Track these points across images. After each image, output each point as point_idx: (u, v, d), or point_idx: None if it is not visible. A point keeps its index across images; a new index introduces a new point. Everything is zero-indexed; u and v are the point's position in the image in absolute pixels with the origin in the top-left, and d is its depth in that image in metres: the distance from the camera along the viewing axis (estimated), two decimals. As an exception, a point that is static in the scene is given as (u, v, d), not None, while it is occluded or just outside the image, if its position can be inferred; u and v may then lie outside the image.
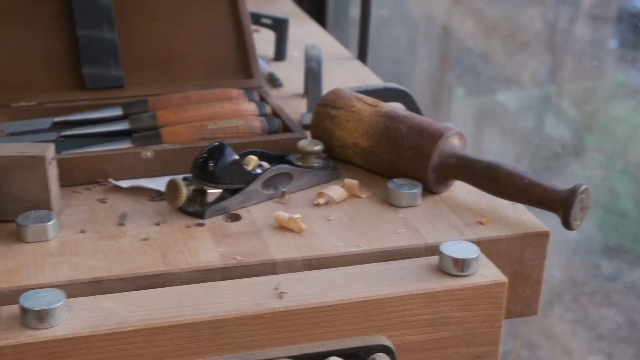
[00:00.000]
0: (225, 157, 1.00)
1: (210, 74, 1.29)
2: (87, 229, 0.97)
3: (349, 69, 1.58)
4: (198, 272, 0.90)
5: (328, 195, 1.04)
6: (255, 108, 1.18)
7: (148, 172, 1.08)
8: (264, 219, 1.00)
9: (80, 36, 1.23)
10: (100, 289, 0.87)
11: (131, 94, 1.23)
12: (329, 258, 0.93)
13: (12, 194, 0.94)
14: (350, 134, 1.12)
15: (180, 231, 0.97)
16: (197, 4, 1.31)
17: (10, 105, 1.18)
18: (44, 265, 0.89)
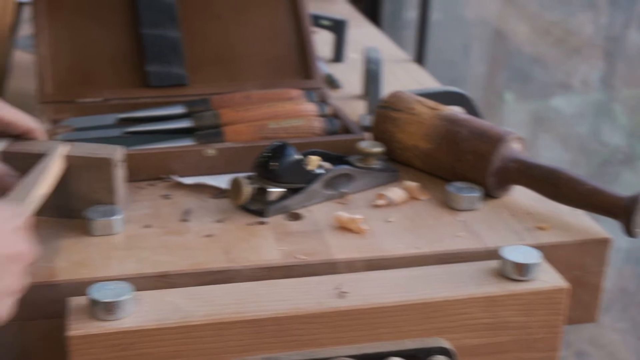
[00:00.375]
0: (288, 157, 1.01)
1: (271, 74, 1.30)
2: (152, 224, 0.98)
3: (407, 72, 1.58)
4: (260, 269, 0.91)
5: (388, 197, 1.05)
6: (315, 108, 1.20)
7: (210, 170, 1.10)
8: (324, 219, 1.01)
9: (145, 34, 1.25)
10: (165, 283, 0.89)
11: (193, 92, 1.25)
12: (389, 259, 0.94)
13: (79, 193, 0.96)
14: (410, 136, 1.12)
15: (243, 229, 0.98)
16: (260, 4, 1.33)
17: (76, 100, 1.21)
18: (111, 258, 0.91)
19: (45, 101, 1.19)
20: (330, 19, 1.60)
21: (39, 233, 0.93)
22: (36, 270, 0.87)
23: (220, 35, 1.30)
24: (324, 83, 1.32)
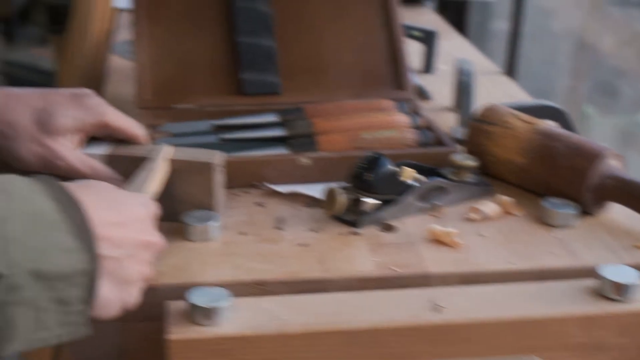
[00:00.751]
0: (383, 168, 1.01)
1: (363, 84, 1.30)
2: (247, 231, 0.99)
3: (497, 84, 1.57)
4: (355, 280, 0.91)
5: (482, 211, 1.04)
6: (408, 120, 1.19)
7: (304, 179, 1.11)
8: (417, 231, 1.01)
9: (241, 43, 1.27)
10: (261, 290, 0.89)
11: (286, 100, 1.26)
12: (483, 274, 0.93)
13: (179, 196, 0.98)
14: (504, 150, 1.11)
15: (336, 238, 0.99)
16: (353, 15, 1.33)
17: (173, 106, 1.23)
18: (208, 263, 0.92)
19: (143, 107, 1.22)
20: (421, 30, 1.60)
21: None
22: (136, 273, 0.88)
23: (313, 45, 1.31)
24: (415, 94, 1.32)
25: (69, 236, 0.66)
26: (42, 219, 0.65)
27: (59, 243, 0.65)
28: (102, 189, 0.76)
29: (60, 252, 0.65)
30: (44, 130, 0.91)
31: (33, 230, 0.63)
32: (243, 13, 1.28)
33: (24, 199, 0.65)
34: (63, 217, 0.66)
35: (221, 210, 1.01)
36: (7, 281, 0.61)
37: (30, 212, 0.64)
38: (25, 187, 0.66)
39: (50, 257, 0.64)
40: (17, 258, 0.61)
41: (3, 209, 0.62)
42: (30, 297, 0.63)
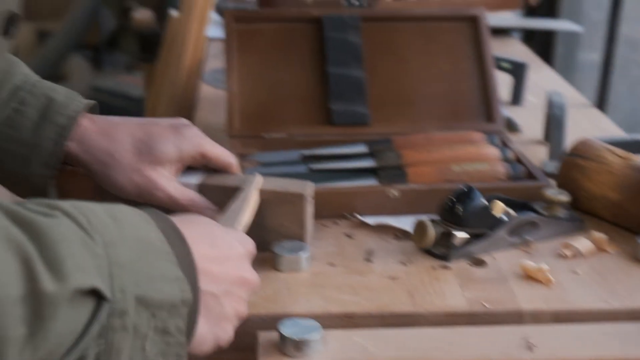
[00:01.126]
0: (474, 202, 1.00)
1: (452, 116, 1.30)
2: (336, 263, 0.99)
3: (587, 117, 1.55)
4: (445, 315, 0.90)
5: (575, 247, 1.02)
6: (498, 153, 1.18)
7: (393, 210, 1.10)
8: (509, 267, 0.99)
9: (331, 73, 1.27)
10: (350, 323, 0.89)
11: (375, 131, 1.26)
12: (577, 312, 0.91)
13: (269, 226, 0.98)
14: (599, 186, 1.09)
15: (426, 272, 0.98)
16: (444, 47, 1.33)
17: (263, 135, 1.24)
18: (298, 294, 0.92)
19: (233, 135, 1.23)
20: (511, 62, 1.58)
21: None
22: (227, 302, 0.89)
23: (402, 76, 1.31)
24: (504, 126, 1.30)
25: (174, 266, 0.67)
26: (150, 247, 0.66)
27: (164, 272, 0.66)
28: (203, 224, 0.77)
29: (165, 280, 0.66)
30: (144, 160, 0.92)
31: (140, 257, 0.64)
32: (333, 44, 1.29)
33: (133, 227, 0.66)
34: (169, 248, 0.67)
35: (310, 240, 1.01)
36: (113, 306, 0.61)
37: (138, 240, 0.65)
38: (134, 215, 0.67)
39: (155, 284, 0.64)
40: (124, 284, 0.62)
41: (114, 235, 0.63)
42: (134, 323, 0.63)
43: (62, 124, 0.92)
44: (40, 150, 0.91)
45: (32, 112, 0.92)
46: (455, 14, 1.35)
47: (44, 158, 0.91)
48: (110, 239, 0.63)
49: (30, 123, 0.91)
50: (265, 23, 1.31)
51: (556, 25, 2.33)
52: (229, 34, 1.29)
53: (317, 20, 1.31)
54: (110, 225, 0.63)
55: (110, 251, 0.62)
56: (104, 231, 0.63)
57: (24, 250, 0.57)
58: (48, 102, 0.92)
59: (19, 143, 0.91)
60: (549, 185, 1.12)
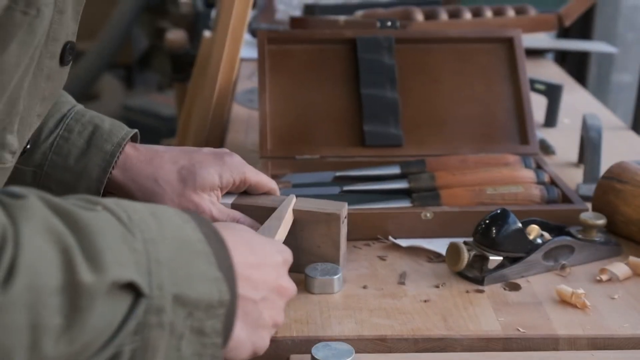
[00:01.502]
0: (509, 225, 0.99)
1: (487, 138, 1.29)
2: (369, 285, 0.98)
3: (623, 139, 1.53)
4: (479, 340, 0.89)
5: (611, 272, 1.01)
6: (533, 175, 1.17)
7: (426, 233, 1.09)
8: (544, 291, 0.98)
9: (364, 94, 1.27)
10: (383, 347, 0.88)
11: (408, 152, 1.25)
12: (615, 339, 0.89)
13: (304, 247, 0.98)
14: (636, 209, 1.08)
15: (460, 295, 0.97)
16: (478, 68, 1.32)
17: (295, 157, 1.24)
18: (330, 317, 0.91)
19: (265, 156, 1.23)
20: (545, 83, 1.57)
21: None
22: (260, 324, 0.88)
23: (436, 98, 1.30)
24: (539, 149, 1.29)
25: (213, 267, 0.67)
26: (189, 246, 0.66)
27: (203, 272, 0.66)
28: (243, 231, 0.78)
29: (204, 280, 0.66)
30: (189, 186, 0.94)
31: (179, 255, 0.64)
32: (367, 65, 1.28)
33: (174, 226, 0.66)
34: (208, 249, 0.67)
35: (344, 263, 1.00)
36: (150, 302, 0.61)
37: (178, 238, 0.65)
38: (176, 215, 0.68)
39: (193, 283, 0.65)
40: (162, 281, 0.62)
41: (154, 232, 0.64)
42: (170, 321, 0.63)
43: (108, 151, 0.94)
44: (86, 177, 0.93)
45: (79, 140, 0.94)
46: (490, 36, 1.34)
47: (90, 185, 0.93)
48: (150, 236, 0.63)
49: (76, 150, 0.93)
50: (299, 44, 1.31)
51: (590, 46, 2.32)
52: (262, 55, 1.29)
53: (351, 41, 1.31)
54: (151, 222, 0.64)
55: (150, 248, 0.62)
56: (145, 228, 0.63)
57: (64, 241, 0.57)
58: (94, 129, 0.94)
59: (64, 170, 0.93)
60: (585, 208, 1.11)
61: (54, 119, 0.94)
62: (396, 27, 1.43)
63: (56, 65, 0.76)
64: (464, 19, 1.71)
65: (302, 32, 1.41)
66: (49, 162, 0.93)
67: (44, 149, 0.94)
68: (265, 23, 2.12)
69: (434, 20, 1.68)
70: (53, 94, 0.79)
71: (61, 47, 0.75)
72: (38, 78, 0.74)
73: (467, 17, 1.72)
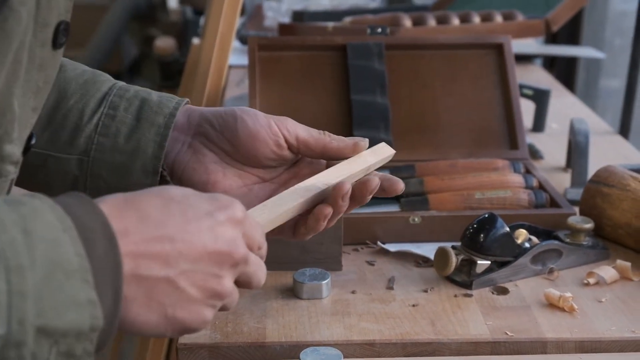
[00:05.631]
0: (497, 229, 0.99)
1: (476, 143, 1.29)
2: (357, 290, 0.99)
3: (610, 144, 1.53)
4: (468, 344, 0.89)
5: (599, 275, 1.01)
6: (521, 180, 1.17)
7: (414, 237, 1.10)
8: (532, 295, 0.98)
9: (354, 100, 1.27)
10: (372, 351, 0.88)
11: (398, 158, 1.24)
12: (602, 342, 0.90)
13: (307, 246, 0.99)
14: (623, 213, 1.08)
15: (448, 300, 0.97)
16: (468, 74, 1.33)
17: (284, 163, 1.24)
18: (319, 322, 0.92)
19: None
20: (533, 89, 1.58)
21: (250, 293, 0.96)
22: (248, 330, 0.89)
23: (427, 104, 1.31)
24: (528, 154, 1.30)
25: (87, 287, 0.58)
26: (64, 266, 0.57)
27: (75, 294, 0.58)
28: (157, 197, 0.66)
29: (74, 306, 0.58)
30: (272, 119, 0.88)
31: (49, 280, 0.57)
32: (357, 71, 1.29)
33: (48, 241, 0.57)
34: (85, 264, 0.58)
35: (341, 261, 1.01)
36: (9, 337, 0.55)
37: (50, 259, 0.57)
38: (54, 223, 0.59)
39: (61, 312, 0.57)
40: (24, 314, 0.55)
41: (21, 257, 0.56)
42: (32, 352, 0.56)
43: (161, 123, 0.86)
44: (141, 155, 0.85)
45: (126, 116, 0.86)
46: (480, 42, 1.35)
47: (145, 164, 0.85)
48: (17, 262, 0.56)
49: (125, 127, 0.86)
50: (289, 51, 1.32)
51: (578, 52, 2.33)
52: (252, 61, 1.30)
53: (341, 47, 1.31)
54: (19, 244, 0.56)
55: (13, 279, 0.55)
56: (11, 254, 0.56)
57: None
58: (141, 103, 0.87)
59: (114, 151, 0.85)
60: (573, 212, 1.11)
61: (94, 99, 0.86)
62: (386, 34, 1.43)
63: (49, 52, 0.68)
64: (452, 24, 1.72)
65: (293, 39, 1.41)
66: (95, 146, 0.85)
67: (88, 132, 0.85)
68: (254, 30, 2.12)
69: (422, 26, 1.68)
70: (47, 82, 0.71)
71: (53, 30, 0.68)
72: (30, 70, 0.67)
73: (455, 23, 1.72)
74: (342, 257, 1.02)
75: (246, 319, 0.91)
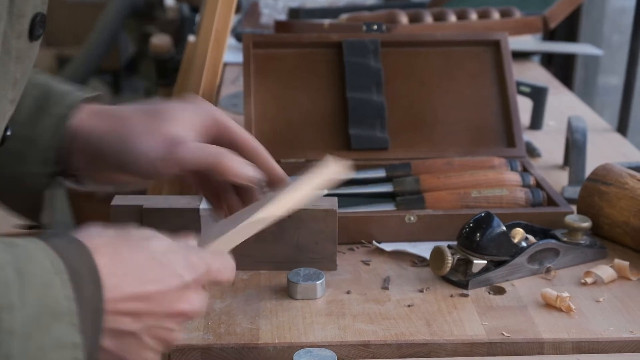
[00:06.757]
0: (493, 228, 0.98)
1: (473, 141, 1.28)
2: (352, 290, 0.98)
3: (608, 142, 1.52)
4: (463, 344, 0.88)
5: (596, 275, 1.00)
6: (518, 178, 1.16)
7: (410, 236, 1.09)
8: (529, 295, 0.97)
9: (350, 98, 1.26)
10: (366, 352, 0.87)
11: (394, 156, 1.25)
12: (600, 342, 0.89)
13: (301, 244, 0.98)
14: (620, 212, 1.07)
15: (444, 300, 0.96)
16: (465, 72, 1.31)
17: (280, 160, 1.22)
18: (313, 323, 0.90)
19: (250, 161, 1.22)
20: (531, 86, 1.57)
21: (243, 294, 0.95)
22: (242, 331, 0.88)
23: (423, 101, 1.30)
24: (525, 152, 1.29)
25: (73, 330, 0.60)
26: (53, 308, 0.60)
27: (61, 337, 0.60)
28: (140, 251, 0.68)
29: (59, 348, 0.60)
30: (158, 119, 0.85)
31: (37, 322, 0.59)
32: (353, 68, 1.28)
33: (38, 284, 0.59)
34: (73, 308, 0.61)
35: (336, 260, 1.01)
36: None
37: (40, 301, 0.59)
38: (47, 266, 0.61)
39: (47, 353, 0.59)
40: (10, 352, 0.57)
41: (13, 297, 0.58)
42: None
43: (60, 114, 0.85)
44: (37, 144, 0.84)
45: (29, 102, 0.84)
46: (477, 39, 1.34)
47: (41, 153, 0.85)
48: (8, 301, 0.57)
49: (25, 116, 0.84)
50: (285, 48, 1.31)
51: (576, 48, 2.31)
52: (247, 59, 1.28)
53: (337, 45, 1.30)
54: (12, 284, 0.58)
55: (5, 316, 0.57)
56: (3, 292, 0.57)
57: None
58: (46, 93, 0.86)
59: (12, 137, 0.81)
60: (570, 211, 1.10)
61: None
62: (382, 31, 1.42)
63: (25, 43, 0.69)
64: (449, 21, 1.70)
65: (288, 36, 1.40)
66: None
67: None
68: (250, 27, 2.11)
69: (419, 23, 1.67)
70: (25, 73, 0.71)
71: (29, 22, 0.68)
72: (6, 62, 0.67)
73: (452, 20, 1.71)
74: (337, 257, 1.01)
75: (239, 320, 0.90)
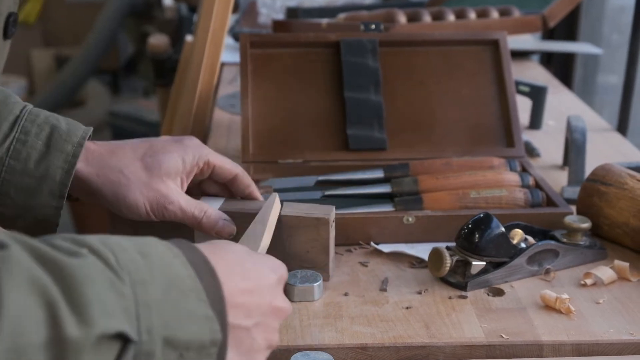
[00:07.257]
0: (492, 229, 0.97)
1: (472, 141, 1.27)
2: (350, 292, 0.97)
3: (608, 141, 1.52)
4: (462, 347, 0.87)
5: (596, 276, 0.99)
6: (517, 179, 1.16)
7: (408, 237, 1.08)
8: (528, 296, 0.97)
9: (348, 98, 1.25)
10: (364, 355, 0.87)
11: (392, 156, 1.24)
12: (600, 344, 0.88)
13: (293, 252, 0.97)
14: (620, 212, 1.06)
15: (442, 302, 0.95)
16: (463, 71, 1.31)
17: (278, 161, 1.22)
18: (310, 325, 0.90)
19: (247, 161, 1.21)
20: (530, 85, 1.56)
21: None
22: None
23: (422, 101, 1.29)
24: (524, 152, 1.28)
25: (203, 305, 0.64)
26: (179, 284, 0.63)
27: (194, 310, 0.63)
28: (233, 252, 0.74)
29: (194, 320, 0.63)
30: (152, 174, 0.92)
31: (169, 295, 0.62)
32: (351, 68, 1.27)
33: (163, 263, 0.64)
34: (199, 285, 0.65)
35: (333, 270, 0.99)
36: (139, 347, 0.59)
37: (168, 277, 0.63)
38: (164, 250, 0.65)
39: (183, 324, 0.62)
40: (152, 324, 0.60)
41: (143, 273, 0.61)
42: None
43: (69, 152, 0.91)
44: (48, 180, 0.90)
45: (37, 142, 0.90)
46: (476, 38, 1.33)
47: (52, 188, 0.90)
48: (139, 277, 0.61)
49: (35, 153, 0.90)
50: (282, 48, 1.30)
51: (575, 47, 2.31)
52: (244, 58, 1.28)
53: (335, 44, 1.30)
54: (139, 262, 0.62)
55: (138, 291, 0.60)
56: (133, 269, 0.61)
57: (49, 294, 0.55)
58: (52, 130, 0.91)
59: (24, 174, 0.90)
60: (570, 211, 1.10)
61: (7, 122, 0.91)
62: (380, 30, 1.41)
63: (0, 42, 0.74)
64: (448, 20, 1.69)
65: (286, 36, 1.39)
66: (6, 168, 0.89)
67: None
68: (248, 27, 2.10)
69: (417, 23, 1.66)
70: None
71: (3, 21, 0.74)
72: None
73: (451, 19, 1.70)
74: (329, 268, 0.99)
75: (236, 322, 0.89)
